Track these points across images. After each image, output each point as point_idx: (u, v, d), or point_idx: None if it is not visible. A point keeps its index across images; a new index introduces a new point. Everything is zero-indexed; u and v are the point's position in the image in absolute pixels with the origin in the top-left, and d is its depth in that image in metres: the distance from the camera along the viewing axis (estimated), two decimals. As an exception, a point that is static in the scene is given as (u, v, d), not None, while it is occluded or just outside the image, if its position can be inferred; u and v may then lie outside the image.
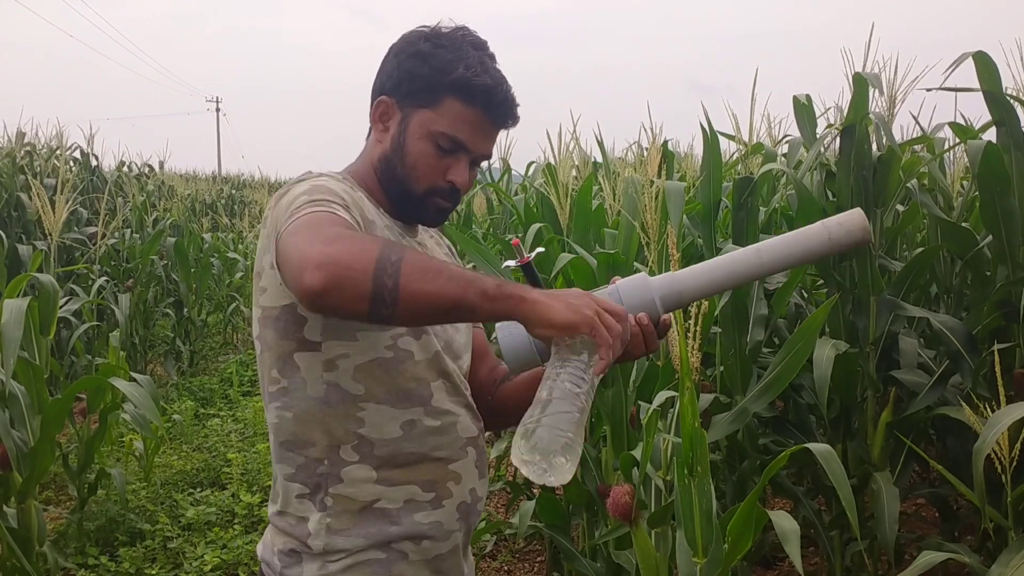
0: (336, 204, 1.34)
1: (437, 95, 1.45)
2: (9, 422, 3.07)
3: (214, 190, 17.73)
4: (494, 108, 1.47)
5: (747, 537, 1.60)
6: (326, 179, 1.42)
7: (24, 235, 6.87)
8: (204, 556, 3.90)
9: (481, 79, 1.44)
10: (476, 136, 1.47)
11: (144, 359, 7.84)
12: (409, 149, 1.47)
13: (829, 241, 1.43)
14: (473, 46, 1.48)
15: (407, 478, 1.45)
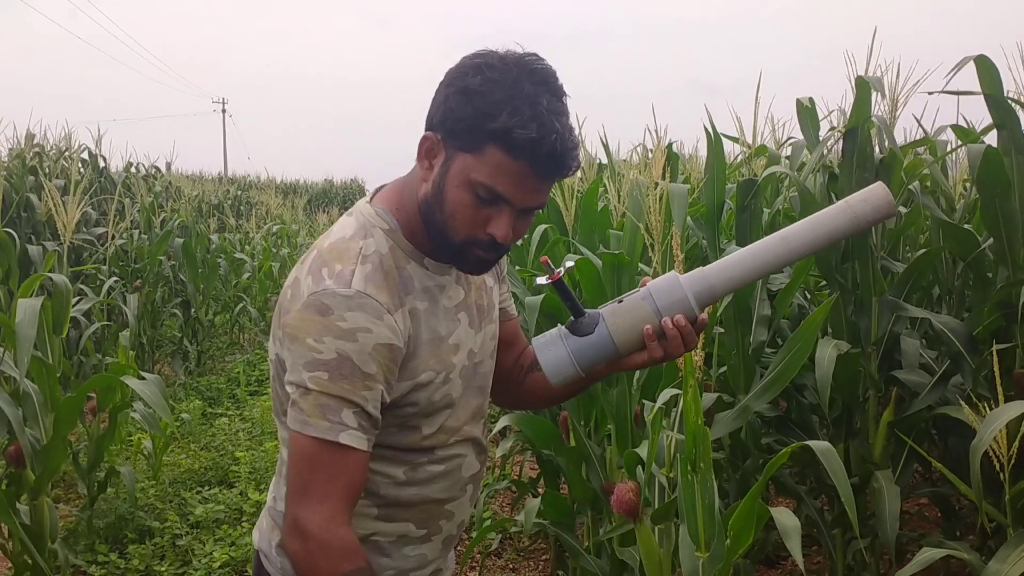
0: (342, 422, 1.30)
1: (479, 141, 1.30)
2: (23, 420, 3.11)
3: (221, 191, 17.78)
4: (541, 162, 1.30)
5: (748, 532, 1.64)
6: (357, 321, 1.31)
7: (33, 236, 6.92)
8: (213, 553, 3.95)
9: (526, 131, 1.26)
10: (520, 189, 1.32)
11: (152, 359, 7.90)
12: (448, 196, 1.34)
13: (855, 219, 1.40)
14: (533, 81, 1.31)
15: (405, 516, 1.50)
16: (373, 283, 1.35)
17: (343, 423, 1.31)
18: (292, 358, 1.35)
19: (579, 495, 2.96)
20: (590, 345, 1.42)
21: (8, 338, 3.12)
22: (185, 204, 10.26)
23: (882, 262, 3.35)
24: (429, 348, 1.41)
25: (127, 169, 10.40)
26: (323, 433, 1.31)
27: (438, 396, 1.44)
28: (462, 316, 1.48)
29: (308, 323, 1.32)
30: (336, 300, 1.32)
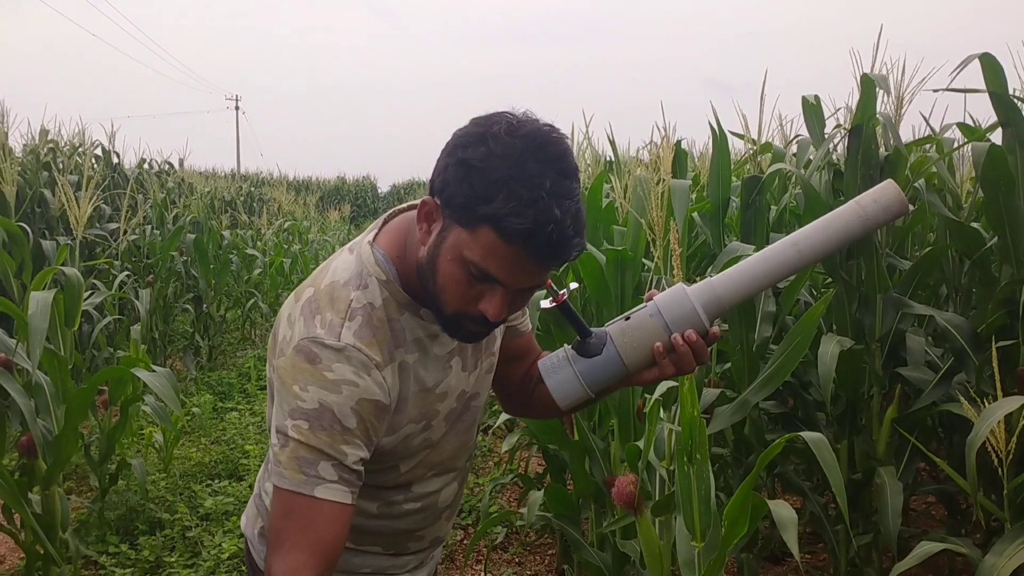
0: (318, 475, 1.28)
1: (473, 220, 1.22)
2: (35, 411, 3.16)
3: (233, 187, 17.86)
4: (535, 251, 1.22)
5: (743, 522, 1.66)
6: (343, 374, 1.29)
7: (47, 230, 6.98)
8: (222, 545, 4.00)
9: (520, 219, 1.18)
10: (514, 272, 1.25)
11: (164, 354, 7.97)
12: (440, 268, 1.28)
13: (866, 220, 1.35)
14: (539, 159, 1.22)
15: (373, 542, 1.53)
16: (362, 338, 1.32)
17: (319, 476, 1.29)
18: (279, 401, 1.34)
19: (583, 489, 2.98)
20: (599, 366, 1.37)
21: (21, 330, 3.16)
22: (197, 200, 10.32)
23: (888, 259, 3.37)
24: (414, 401, 1.40)
25: (140, 165, 10.47)
26: (298, 487, 1.29)
27: (417, 442, 1.43)
28: (455, 362, 1.45)
29: (296, 370, 1.30)
30: (325, 351, 1.30)
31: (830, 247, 1.38)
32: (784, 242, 1.39)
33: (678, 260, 1.72)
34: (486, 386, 1.56)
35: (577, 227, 1.23)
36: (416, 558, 1.61)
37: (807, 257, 1.37)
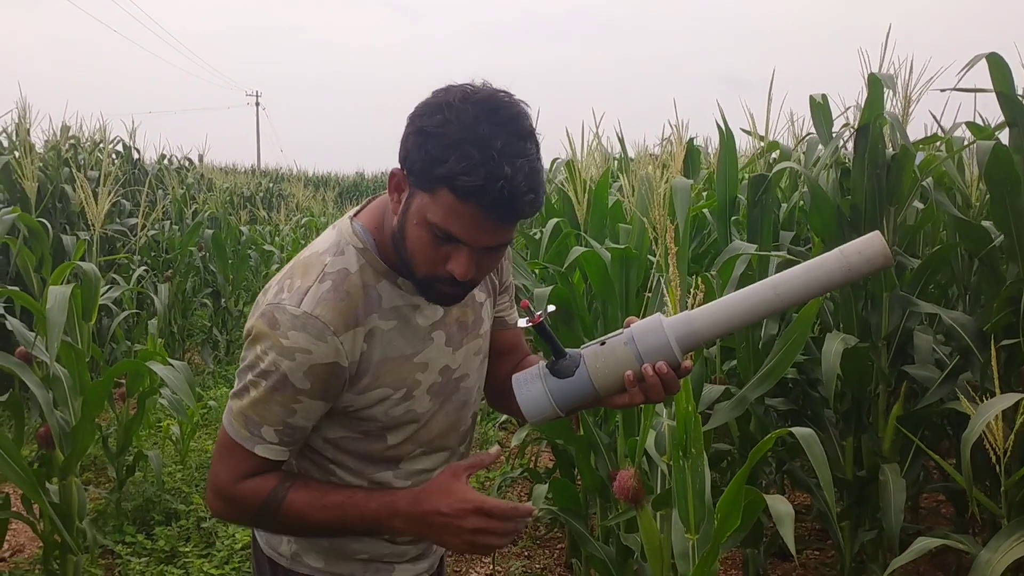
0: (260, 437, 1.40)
1: (432, 183, 1.29)
2: (52, 403, 3.22)
3: (253, 183, 17.99)
4: (490, 208, 1.27)
5: (736, 515, 1.69)
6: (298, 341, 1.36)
7: (68, 225, 7.08)
8: (235, 535, 4.06)
9: (470, 177, 1.24)
10: (474, 231, 1.30)
11: (182, 347, 8.05)
12: (408, 233, 1.35)
13: (848, 271, 1.37)
14: (492, 121, 1.27)
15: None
16: (325, 305, 1.38)
17: (261, 437, 1.40)
18: (244, 355, 1.43)
19: (589, 483, 3.02)
20: (569, 386, 1.41)
21: (40, 324, 3.23)
22: (216, 196, 10.41)
23: (898, 258, 3.38)
24: (389, 366, 1.44)
25: (160, 161, 10.57)
26: (241, 440, 1.42)
27: (399, 411, 1.47)
28: (437, 335, 1.50)
29: (259, 333, 1.39)
30: (284, 317, 1.37)
31: (810, 294, 1.40)
32: (765, 284, 1.42)
33: (674, 258, 1.75)
34: (476, 370, 1.60)
35: (531, 184, 1.28)
36: (416, 548, 1.62)
37: (786, 301, 1.40)
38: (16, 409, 3.43)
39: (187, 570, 3.82)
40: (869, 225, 3.16)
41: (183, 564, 3.89)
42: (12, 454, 2.81)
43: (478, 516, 1.36)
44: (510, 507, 1.35)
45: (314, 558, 1.56)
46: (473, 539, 1.37)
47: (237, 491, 1.44)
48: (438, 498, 1.39)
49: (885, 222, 3.19)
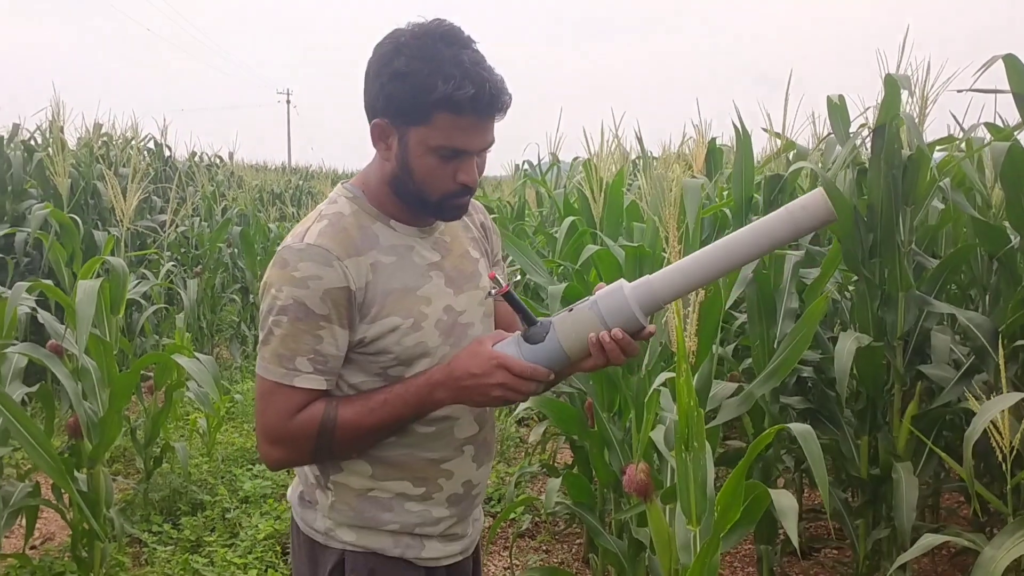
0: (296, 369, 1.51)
1: (426, 113, 1.47)
2: (81, 394, 3.31)
3: (282, 181, 18.15)
4: (482, 109, 1.48)
5: (736, 507, 1.73)
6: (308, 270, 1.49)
7: (100, 222, 7.22)
8: (258, 526, 4.14)
9: (464, 90, 1.44)
10: (473, 137, 1.50)
11: (211, 342, 8.17)
12: (414, 166, 1.52)
13: (795, 225, 1.47)
14: (446, 43, 1.48)
15: (399, 475, 1.62)
16: (325, 236, 1.53)
17: (297, 369, 1.51)
18: (261, 308, 1.54)
19: (603, 478, 3.06)
20: (541, 351, 1.51)
21: (70, 317, 3.32)
22: (245, 193, 10.52)
23: (917, 258, 3.39)
24: (395, 297, 1.56)
25: (191, 158, 10.71)
26: (279, 378, 1.52)
27: (410, 342, 1.57)
28: (435, 275, 1.62)
29: (272, 277, 1.52)
30: (291, 254, 1.51)
31: (760, 250, 1.51)
32: (717, 245, 1.51)
33: (677, 256, 1.80)
34: (481, 321, 1.70)
35: (504, 87, 1.51)
36: (450, 514, 1.67)
37: (737, 258, 1.50)
38: (47, 400, 3.52)
39: (211, 559, 3.90)
40: (885, 225, 3.17)
41: (208, 553, 3.97)
42: (43, 443, 2.89)
43: (503, 371, 1.48)
44: (530, 368, 1.49)
45: (346, 532, 1.63)
46: (502, 394, 1.50)
47: (290, 428, 1.53)
48: (467, 361, 1.51)
49: (901, 222, 3.20)
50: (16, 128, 7.74)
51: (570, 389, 3.36)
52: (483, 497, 1.78)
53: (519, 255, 3.28)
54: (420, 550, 1.65)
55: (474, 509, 1.75)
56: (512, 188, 8.40)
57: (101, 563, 3.44)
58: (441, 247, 1.66)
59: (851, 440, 3.40)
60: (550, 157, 6.66)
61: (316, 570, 1.65)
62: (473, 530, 1.77)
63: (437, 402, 1.54)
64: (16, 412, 2.86)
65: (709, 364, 2.35)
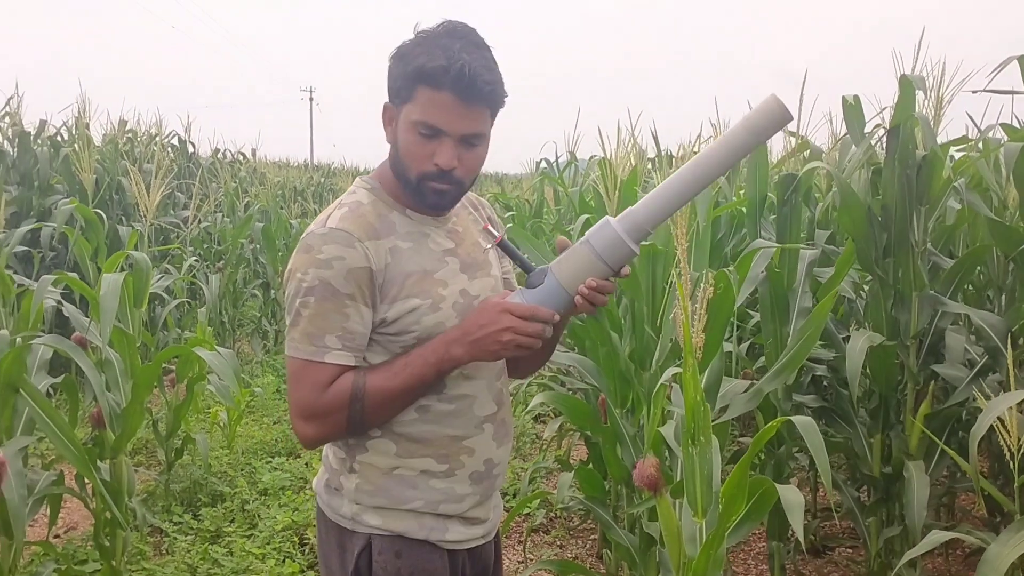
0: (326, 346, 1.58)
1: (411, 88, 1.57)
2: (104, 385, 3.38)
3: (304, 178, 18.25)
4: (458, 85, 1.53)
5: (740, 500, 1.76)
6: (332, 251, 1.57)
7: (124, 217, 7.32)
8: (276, 517, 4.20)
9: (435, 62, 1.52)
10: (451, 117, 1.56)
11: (233, 337, 8.25)
12: (400, 143, 1.62)
13: (754, 131, 1.53)
14: (451, 36, 1.57)
15: (423, 452, 1.69)
16: (346, 220, 1.61)
17: (327, 346, 1.59)
18: (288, 293, 1.61)
19: (615, 473, 3.10)
20: (543, 292, 1.59)
21: (94, 309, 3.39)
22: (266, 190, 10.61)
23: (932, 258, 3.40)
24: (414, 279, 1.64)
25: (214, 155, 10.81)
26: (310, 356, 1.59)
27: (430, 321, 1.64)
28: (450, 260, 1.70)
29: (298, 262, 1.60)
30: (315, 238, 1.59)
31: (728, 160, 1.56)
32: (687, 165, 1.58)
33: (684, 253, 1.83)
34: None
35: (491, 75, 1.57)
36: (472, 491, 1.73)
37: (708, 172, 1.57)
38: (71, 391, 3.59)
39: (231, 549, 3.96)
40: (899, 225, 3.19)
41: (227, 543, 4.04)
42: (67, 433, 2.95)
43: (507, 315, 1.56)
44: (532, 307, 1.57)
45: (372, 516, 1.69)
46: (512, 338, 1.56)
47: (323, 402, 1.60)
48: (476, 315, 1.60)
49: (915, 222, 3.22)
50: (43, 124, 7.86)
51: (584, 385, 3.39)
52: (503, 479, 1.84)
53: (533, 253, 3.32)
54: (444, 532, 1.71)
55: (495, 491, 1.81)
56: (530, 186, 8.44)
57: (123, 551, 3.51)
58: (454, 236, 1.74)
59: (864, 439, 3.42)
60: (568, 155, 6.70)
61: (344, 555, 1.71)
62: (494, 515, 1.83)
63: (454, 359, 1.60)
64: (42, 402, 2.92)
65: (719, 361, 2.38)
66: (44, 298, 3.32)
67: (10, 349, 2.93)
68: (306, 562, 3.91)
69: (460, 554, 1.76)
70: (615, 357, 2.98)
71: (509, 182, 17.65)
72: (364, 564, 1.69)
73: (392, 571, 1.67)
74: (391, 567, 1.67)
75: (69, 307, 3.60)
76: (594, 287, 1.58)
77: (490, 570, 1.88)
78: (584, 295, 1.58)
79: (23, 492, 2.85)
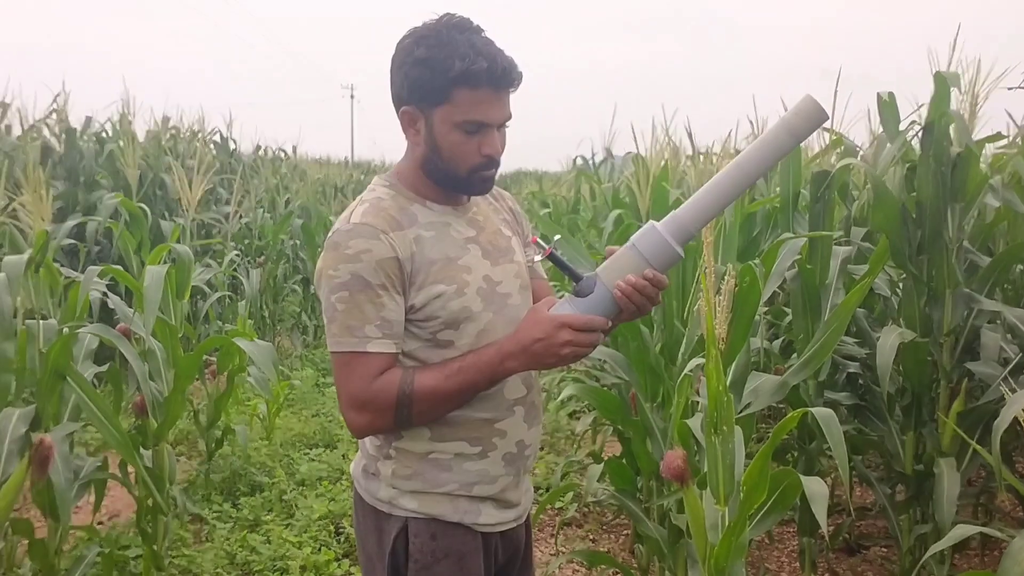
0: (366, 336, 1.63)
1: (447, 91, 1.63)
2: (148, 374, 3.47)
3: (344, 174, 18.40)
4: (496, 81, 1.64)
5: (762, 488, 1.79)
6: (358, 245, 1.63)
7: (167, 212, 7.46)
8: (313, 506, 4.28)
9: (478, 64, 1.60)
10: (491, 110, 1.66)
11: (273, 331, 8.37)
12: (442, 144, 1.67)
13: (792, 133, 1.58)
14: (459, 31, 1.65)
15: (456, 435, 1.74)
16: (369, 215, 1.67)
17: (367, 336, 1.63)
18: (322, 292, 1.66)
19: (645, 466, 3.13)
20: (595, 302, 1.62)
21: (138, 301, 3.48)
22: (307, 186, 10.73)
23: (969, 256, 3.39)
24: (438, 266, 1.69)
25: (256, 152, 10.95)
26: (353, 347, 1.64)
27: (456, 306, 1.69)
28: (472, 247, 1.76)
29: (327, 260, 1.66)
30: (341, 236, 1.65)
31: (769, 161, 1.61)
32: (729, 168, 1.62)
33: (709, 249, 1.86)
34: (519, 293, 1.82)
35: (511, 61, 1.66)
36: (505, 472, 1.78)
37: (751, 173, 1.61)
38: (115, 380, 3.69)
39: (268, 537, 4.04)
40: (933, 222, 3.18)
41: (265, 532, 4.12)
42: (112, 421, 3.04)
43: (566, 330, 1.60)
44: (588, 318, 1.60)
45: (408, 500, 1.75)
46: (571, 351, 1.61)
47: (372, 391, 1.64)
48: (532, 328, 1.63)
49: (950, 219, 3.21)
50: (88, 121, 8.03)
51: (616, 380, 3.42)
52: (534, 460, 1.89)
53: (566, 247, 3.36)
54: (477, 515, 1.77)
55: (526, 472, 1.87)
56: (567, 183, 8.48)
57: (164, 536, 3.60)
58: (475, 224, 1.79)
59: (897, 436, 3.41)
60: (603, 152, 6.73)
61: (381, 538, 1.78)
62: (525, 499, 1.89)
63: (508, 371, 1.66)
64: (88, 390, 3.02)
65: (746, 355, 2.40)
66: (90, 289, 3.41)
67: (58, 338, 3.02)
68: (341, 551, 3.98)
69: (493, 537, 1.82)
70: (645, 351, 3.01)
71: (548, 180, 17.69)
72: (401, 546, 1.75)
73: (427, 552, 1.73)
74: (427, 549, 1.73)
75: (114, 298, 3.70)
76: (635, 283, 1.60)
77: (520, 553, 1.93)
78: (623, 289, 1.61)
79: (69, 476, 2.94)
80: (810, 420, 3.30)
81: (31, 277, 3.14)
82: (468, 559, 1.76)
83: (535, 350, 1.61)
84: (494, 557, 1.83)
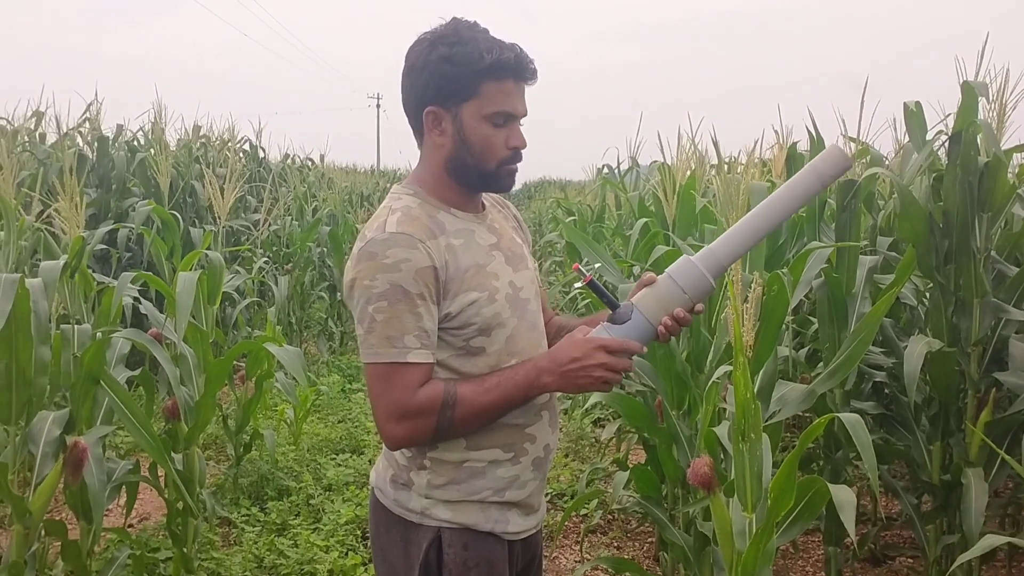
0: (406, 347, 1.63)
1: (476, 85, 1.67)
2: (179, 379, 3.52)
3: (371, 183, 18.52)
4: (521, 72, 1.69)
5: (789, 495, 1.80)
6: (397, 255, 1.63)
7: (197, 219, 7.55)
8: (340, 511, 4.32)
9: (505, 55, 1.66)
10: (517, 101, 1.71)
11: (300, 337, 8.44)
12: (470, 139, 1.70)
13: (820, 178, 1.70)
14: (472, 31, 1.69)
15: (490, 443, 1.77)
16: (404, 223, 1.67)
17: (407, 346, 1.64)
18: (355, 302, 1.66)
19: (671, 473, 3.14)
20: (631, 328, 1.68)
21: (170, 306, 3.53)
22: (334, 195, 10.82)
23: (997, 266, 3.38)
24: (471, 273, 1.71)
25: (284, 160, 11.05)
26: (392, 358, 1.64)
27: (488, 312, 1.71)
28: (496, 254, 1.78)
29: (362, 270, 1.64)
30: (377, 245, 1.64)
31: (797, 204, 1.73)
32: (761, 207, 1.72)
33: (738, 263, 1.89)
34: (535, 298, 1.86)
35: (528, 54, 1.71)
36: (533, 476, 1.82)
37: (779, 214, 1.72)
38: (147, 384, 3.74)
39: (295, 541, 4.09)
40: (961, 232, 3.18)
41: (292, 536, 4.17)
42: (144, 424, 3.09)
43: (601, 352, 1.64)
44: (624, 342, 1.65)
45: (442, 510, 1.77)
46: (603, 374, 1.65)
47: (415, 402, 1.65)
48: (569, 348, 1.66)
49: (977, 229, 3.20)
50: (120, 129, 8.14)
51: (642, 387, 3.43)
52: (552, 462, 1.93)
53: (592, 255, 3.38)
54: (506, 524, 1.80)
55: (546, 475, 1.90)
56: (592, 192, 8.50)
57: (194, 539, 3.65)
58: (495, 231, 1.83)
59: (923, 446, 3.41)
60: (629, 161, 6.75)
61: (408, 548, 1.78)
62: (543, 504, 1.93)
63: (543, 386, 1.69)
64: (121, 393, 3.06)
65: (774, 363, 2.41)
66: (123, 295, 3.46)
67: (91, 343, 3.07)
68: (368, 555, 4.01)
69: (517, 544, 1.86)
70: (672, 359, 3.03)
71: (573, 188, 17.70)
72: (434, 557, 1.76)
73: (460, 562, 1.75)
74: (459, 558, 1.75)
75: (146, 304, 3.75)
76: (681, 317, 1.67)
77: (537, 558, 1.98)
78: (668, 326, 1.67)
79: (103, 478, 2.99)
80: (836, 429, 3.31)
81: (66, 282, 3.19)
82: (496, 567, 1.79)
83: (569, 368, 1.65)
84: (516, 563, 1.87)
